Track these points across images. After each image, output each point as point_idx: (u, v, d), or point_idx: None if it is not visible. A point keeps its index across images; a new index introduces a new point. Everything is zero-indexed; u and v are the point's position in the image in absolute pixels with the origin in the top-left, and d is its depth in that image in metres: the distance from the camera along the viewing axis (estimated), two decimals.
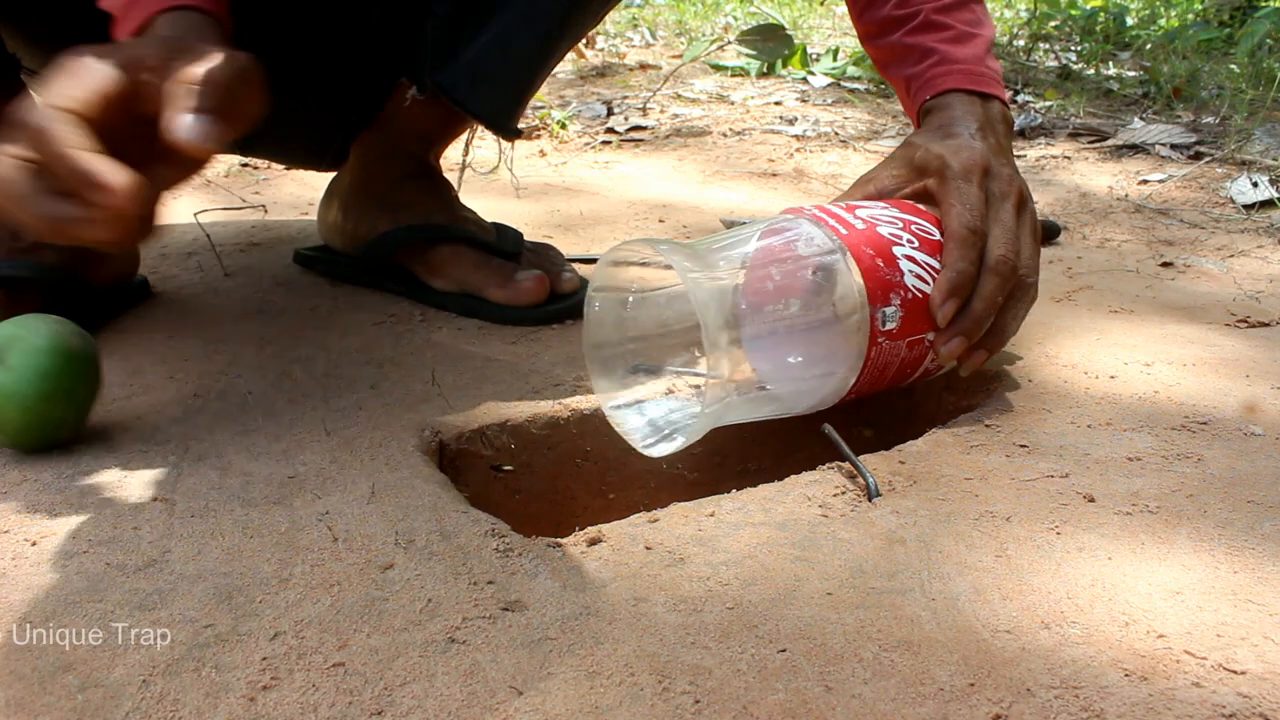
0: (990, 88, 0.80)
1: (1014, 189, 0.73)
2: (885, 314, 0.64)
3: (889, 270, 0.65)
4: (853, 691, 0.44)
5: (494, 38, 0.85)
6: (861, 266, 0.64)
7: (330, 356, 0.81)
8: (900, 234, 0.67)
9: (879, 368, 0.65)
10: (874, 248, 0.65)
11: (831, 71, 2.35)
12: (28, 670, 0.46)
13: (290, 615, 0.49)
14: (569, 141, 1.82)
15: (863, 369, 0.64)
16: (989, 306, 0.68)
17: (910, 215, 0.70)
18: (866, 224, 0.67)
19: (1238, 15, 2.89)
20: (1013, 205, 0.72)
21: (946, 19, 0.82)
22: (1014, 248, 0.70)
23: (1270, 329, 0.91)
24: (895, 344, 0.65)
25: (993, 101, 0.80)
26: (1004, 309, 0.70)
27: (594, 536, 0.55)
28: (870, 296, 0.63)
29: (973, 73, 0.80)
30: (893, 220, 0.68)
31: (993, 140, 0.76)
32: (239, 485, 0.62)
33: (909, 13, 0.83)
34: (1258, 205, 1.35)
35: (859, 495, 0.60)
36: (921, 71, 0.81)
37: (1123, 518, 0.57)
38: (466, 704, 0.44)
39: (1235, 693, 0.43)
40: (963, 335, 0.68)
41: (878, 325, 0.64)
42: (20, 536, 0.56)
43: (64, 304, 0.83)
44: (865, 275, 0.64)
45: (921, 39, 0.82)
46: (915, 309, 0.66)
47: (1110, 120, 1.91)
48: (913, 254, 0.67)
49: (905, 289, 0.65)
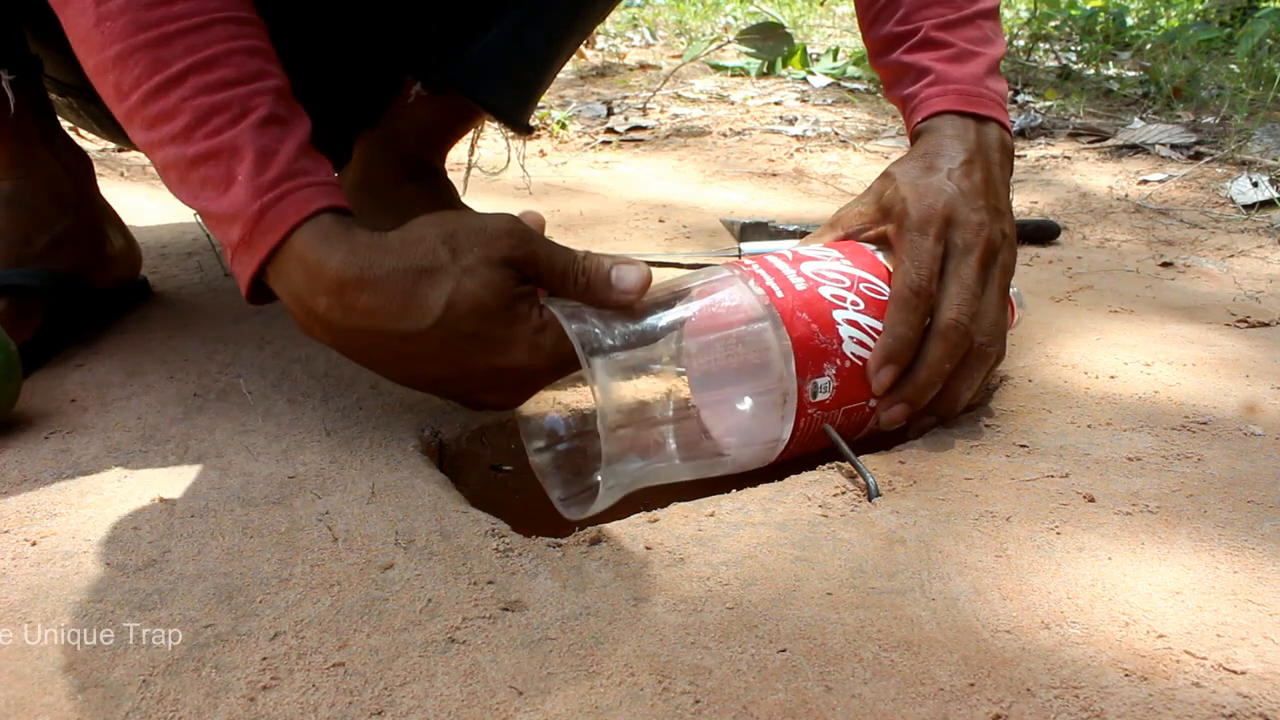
0: (987, 109, 0.73)
1: (981, 240, 0.66)
2: (817, 385, 0.61)
3: (826, 338, 0.61)
4: (853, 691, 0.44)
5: (504, 33, 0.85)
6: (794, 335, 0.60)
7: (330, 356, 0.81)
8: (844, 294, 0.63)
9: (810, 435, 0.62)
10: (811, 313, 0.61)
11: (831, 71, 2.35)
12: (28, 670, 0.46)
13: (290, 615, 0.49)
14: (569, 141, 1.82)
15: (791, 438, 0.61)
16: (934, 374, 0.64)
17: (861, 270, 0.65)
18: (809, 283, 0.63)
19: (1238, 15, 2.89)
20: (976, 260, 0.66)
21: (947, 36, 0.76)
22: (968, 310, 0.64)
23: (1270, 329, 0.91)
24: (829, 413, 0.62)
25: (989, 125, 0.73)
26: (956, 375, 0.65)
27: (594, 536, 0.55)
28: (800, 368, 0.60)
29: (968, 93, 0.74)
30: (839, 278, 0.64)
31: (978, 176, 0.69)
32: (239, 485, 0.62)
33: (909, 29, 0.77)
34: (1258, 205, 1.35)
35: (859, 495, 0.59)
36: (916, 92, 0.76)
37: (1123, 518, 0.57)
38: (466, 704, 0.44)
39: (1235, 693, 0.43)
40: (905, 402, 0.64)
41: (807, 397, 0.61)
42: (20, 536, 0.56)
43: (69, 309, 0.84)
44: (797, 345, 0.60)
45: (919, 57, 0.76)
46: (853, 376, 0.62)
47: (1110, 120, 1.91)
48: (855, 318, 0.63)
49: (842, 357, 0.62)
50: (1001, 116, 0.74)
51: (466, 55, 0.85)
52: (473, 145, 1.18)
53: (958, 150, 0.70)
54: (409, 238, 0.57)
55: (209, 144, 0.55)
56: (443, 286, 0.56)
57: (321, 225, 0.56)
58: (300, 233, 0.56)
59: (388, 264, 0.56)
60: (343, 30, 0.91)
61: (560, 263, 0.59)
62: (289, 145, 0.57)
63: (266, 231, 0.56)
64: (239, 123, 0.55)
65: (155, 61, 0.55)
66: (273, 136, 0.56)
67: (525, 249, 0.58)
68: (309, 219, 0.56)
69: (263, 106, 0.56)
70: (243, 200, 0.55)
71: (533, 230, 0.60)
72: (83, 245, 0.87)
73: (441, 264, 0.56)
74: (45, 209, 0.84)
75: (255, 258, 0.56)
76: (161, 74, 0.55)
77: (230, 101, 0.55)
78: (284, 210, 0.55)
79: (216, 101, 0.55)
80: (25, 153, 0.84)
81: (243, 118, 0.55)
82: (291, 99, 0.60)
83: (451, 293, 0.56)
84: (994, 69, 0.76)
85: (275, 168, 0.56)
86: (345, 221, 0.57)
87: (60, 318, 0.83)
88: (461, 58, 0.85)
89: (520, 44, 0.86)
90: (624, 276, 0.58)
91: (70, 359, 0.81)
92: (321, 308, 0.56)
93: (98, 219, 0.90)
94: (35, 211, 0.84)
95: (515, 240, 0.58)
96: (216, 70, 0.55)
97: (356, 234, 0.57)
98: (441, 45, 0.86)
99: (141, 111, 0.56)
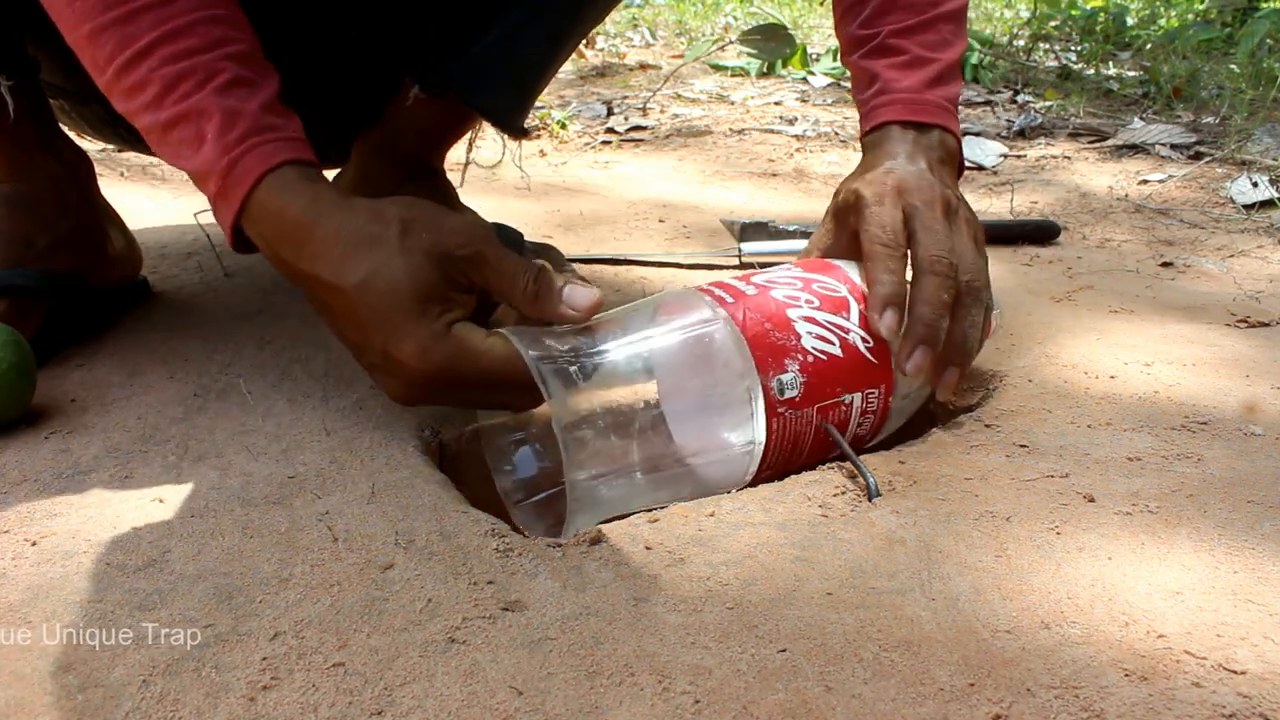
0: (931, 116, 0.73)
1: (937, 196, 0.67)
2: (782, 381, 0.59)
3: (782, 335, 0.60)
4: (853, 691, 0.44)
5: (502, 34, 0.85)
6: (748, 334, 0.59)
7: (330, 356, 0.81)
8: (798, 295, 0.63)
9: (789, 440, 0.61)
10: (763, 313, 0.61)
11: (831, 71, 2.35)
12: (28, 670, 0.46)
13: (290, 615, 0.49)
14: (569, 141, 1.82)
15: (767, 444, 0.60)
16: (936, 307, 0.63)
17: (814, 273, 0.65)
18: (759, 289, 0.63)
19: (1238, 15, 2.89)
20: (939, 210, 0.67)
21: (902, 42, 0.75)
22: (944, 246, 0.65)
23: (1270, 329, 0.91)
24: (802, 413, 0.60)
25: (932, 130, 0.73)
26: (957, 317, 0.65)
27: (594, 536, 0.55)
28: (760, 365, 0.59)
29: (912, 102, 0.74)
30: (791, 281, 0.64)
31: (921, 163, 0.70)
32: (239, 485, 0.62)
33: (870, 33, 0.77)
34: (1258, 205, 1.35)
35: (859, 495, 0.59)
36: (866, 100, 0.76)
37: (1123, 518, 0.57)
38: (466, 704, 0.44)
39: (1235, 693, 0.43)
40: (922, 344, 0.63)
41: (774, 395, 0.59)
42: (20, 536, 0.56)
43: (69, 309, 0.84)
44: (752, 343, 0.59)
45: (873, 63, 0.76)
46: (821, 371, 0.61)
47: (1110, 120, 1.91)
48: (812, 315, 0.62)
49: (804, 352, 0.61)
50: (946, 121, 0.74)
51: (464, 57, 0.85)
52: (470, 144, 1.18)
53: (899, 154, 0.72)
54: (375, 207, 0.60)
55: (178, 108, 0.59)
56: (375, 257, 0.58)
57: (285, 176, 0.59)
58: (265, 184, 0.59)
59: (342, 221, 0.59)
60: (341, 31, 0.91)
61: (510, 268, 0.60)
62: (252, 104, 0.60)
63: (235, 184, 0.59)
64: (204, 87, 0.59)
65: (124, 37, 0.58)
66: (238, 97, 0.59)
67: (473, 248, 0.59)
68: (272, 170, 0.59)
69: (227, 71, 0.59)
70: (212, 157, 0.59)
71: (491, 235, 0.61)
72: (83, 246, 0.87)
73: (386, 237, 0.58)
74: (46, 211, 0.84)
75: (230, 209, 0.60)
76: (131, 48, 0.58)
77: (195, 68, 0.59)
78: (249, 164, 0.59)
79: (183, 68, 0.58)
80: (25, 155, 0.84)
81: (208, 82, 0.59)
82: (259, 60, 0.62)
83: (379, 265, 0.58)
84: (947, 74, 0.76)
85: (240, 126, 0.59)
86: (308, 173, 0.61)
87: (60, 318, 0.83)
88: (459, 60, 0.85)
89: (518, 47, 0.86)
90: (575, 294, 0.59)
91: (70, 359, 0.81)
92: (284, 252, 0.61)
93: (99, 220, 0.90)
94: (35, 213, 0.84)
95: (465, 238, 0.59)
96: (181, 40, 0.58)
97: (320, 187, 0.60)
98: (439, 46, 0.86)
99: (117, 84, 0.59)
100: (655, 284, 1.03)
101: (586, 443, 0.55)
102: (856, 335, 0.63)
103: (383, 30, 0.91)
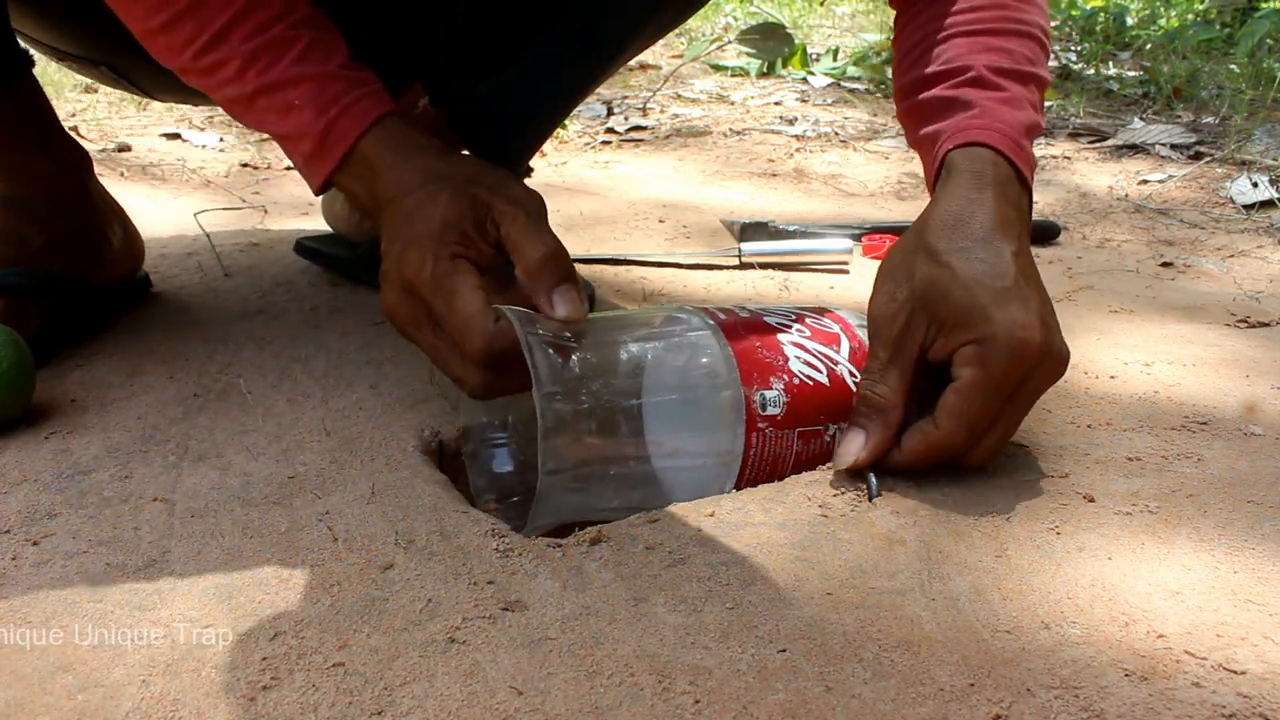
0: (1024, 164, 0.65)
1: (1053, 381, 0.60)
2: (765, 397, 0.59)
3: (770, 354, 0.60)
4: (853, 691, 0.44)
5: (516, 80, 0.84)
6: (735, 347, 0.60)
7: (330, 356, 0.81)
8: (789, 324, 0.63)
9: (767, 460, 0.61)
10: (752, 331, 0.61)
11: (831, 71, 2.35)
12: (28, 670, 0.46)
13: (290, 615, 0.49)
14: (569, 141, 1.82)
15: (745, 457, 0.60)
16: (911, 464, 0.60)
17: (808, 312, 0.66)
18: (752, 315, 0.64)
19: (1238, 15, 2.89)
20: (1033, 400, 0.60)
21: (1002, 81, 0.67)
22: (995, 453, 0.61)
23: (1270, 329, 0.91)
24: (783, 433, 0.60)
25: (1025, 192, 0.65)
26: None
27: (594, 536, 0.55)
28: (745, 377, 0.59)
29: (1014, 140, 0.65)
30: (784, 314, 0.65)
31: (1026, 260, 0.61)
32: (239, 485, 0.62)
33: (959, 66, 0.68)
34: (1258, 205, 1.35)
35: (859, 495, 0.59)
36: (956, 123, 0.66)
37: (1123, 518, 0.57)
38: (466, 704, 0.44)
39: (1235, 693, 0.43)
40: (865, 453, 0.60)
41: (756, 409, 0.59)
42: (20, 536, 0.56)
43: (68, 309, 0.84)
44: (740, 356, 0.59)
45: (965, 92, 0.67)
46: (806, 397, 0.61)
47: (1110, 120, 1.91)
48: (802, 342, 0.62)
49: (790, 374, 0.60)
50: (1030, 183, 0.66)
51: (474, 97, 0.85)
52: None
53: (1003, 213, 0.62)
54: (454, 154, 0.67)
55: (261, 81, 0.63)
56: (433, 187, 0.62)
57: (385, 129, 0.64)
58: (365, 141, 0.64)
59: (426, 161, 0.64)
60: (353, 29, 0.91)
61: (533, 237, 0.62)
62: (333, 65, 0.64)
63: (335, 143, 0.64)
64: (283, 58, 0.63)
65: (200, 22, 0.62)
66: (317, 62, 0.64)
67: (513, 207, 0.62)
68: (369, 130, 0.64)
69: (302, 38, 0.64)
70: (308, 119, 0.63)
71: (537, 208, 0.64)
72: (81, 245, 0.87)
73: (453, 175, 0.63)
74: (41, 210, 0.84)
75: (326, 166, 0.65)
76: (208, 31, 0.62)
77: (272, 42, 0.63)
78: (345, 126, 0.64)
79: (260, 44, 0.63)
80: (19, 155, 0.84)
81: (285, 53, 0.63)
82: (323, 19, 0.66)
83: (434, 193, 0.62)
84: (1035, 134, 0.68)
85: (329, 90, 0.64)
86: (397, 121, 0.65)
87: (59, 318, 0.83)
88: (471, 94, 0.85)
89: (530, 98, 0.85)
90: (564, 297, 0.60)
91: (70, 359, 0.81)
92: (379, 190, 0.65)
93: (97, 218, 0.90)
94: (31, 212, 0.84)
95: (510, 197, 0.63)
96: (253, 17, 0.63)
97: (409, 133, 0.65)
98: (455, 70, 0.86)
99: (195, 65, 0.64)
100: (655, 284, 1.03)
101: (564, 419, 0.55)
102: (845, 369, 0.63)
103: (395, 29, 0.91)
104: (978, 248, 0.60)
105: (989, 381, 0.57)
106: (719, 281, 1.04)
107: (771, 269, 1.08)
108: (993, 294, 0.58)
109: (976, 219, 0.61)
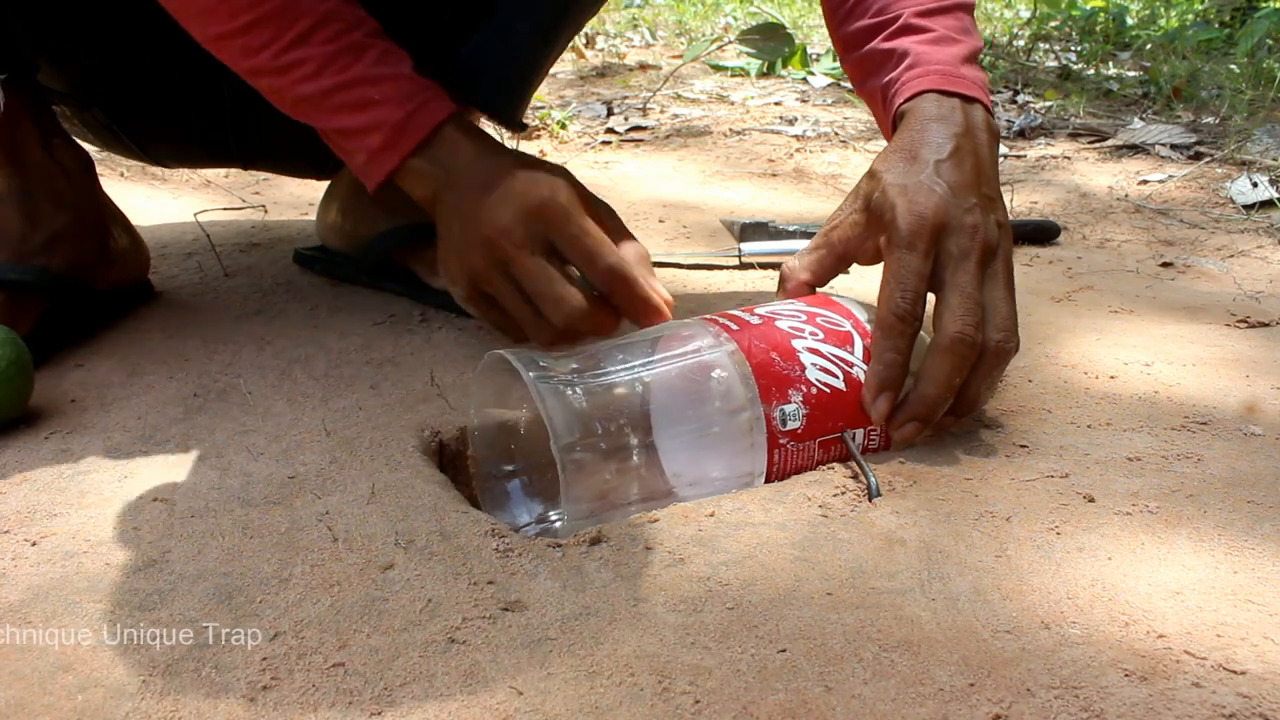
0: (970, 90, 0.71)
1: (977, 243, 0.64)
2: (785, 412, 0.59)
3: (787, 364, 0.60)
4: (853, 691, 0.44)
5: (492, 33, 0.85)
6: (753, 362, 0.59)
7: (330, 356, 0.81)
8: (802, 326, 0.63)
9: (790, 473, 0.61)
10: (768, 341, 0.61)
11: (831, 71, 2.35)
12: (28, 670, 0.46)
13: (290, 615, 0.49)
14: (569, 141, 1.82)
15: (767, 475, 0.60)
16: (944, 390, 0.62)
17: (816, 308, 0.65)
18: (764, 319, 0.63)
19: (1238, 15, 2.89)
20: (974, 264, 0.64)
21: (927, 22, 0.74)
22: (972, 319, 0.62)
23: (1270, 329, 0.91)
24: (804, 446, 0.60)
25: (975, 105, 0.70)
26: (973, 376, 0.63)
27: (594, 536, 0.55)
28: (764, 393, 0.59)
29: (950, 74, 0.71)
30: (795, 314, 0.64)
31: (968, 165, 0.67)
32: (239, 485, 0.62)
33: (888, 18, 0.75)
34: (1258, 205, 1.35)
35: (859, 495, 0.59)
36: (896, 77, 0.73)
37: (1123, 518, 0.57)
38: (466, 704, 0.44)
39: (1235, 693, 0.43)
40: (916, 420, 0.62)
41: (776, 425, 0.59)
42: (20, 536, 0.56)
43: (68, 307, 0.84)
44: (757, 371, 0.59)
45: (898, 42, 0.74)
46: (824, 405, 0.60)
47: (1110, 120, 1.91)
48: (817, 346, 0.62)
49: (808, 384, 0.60)
50: (985, 99, 0.71)
51: (457, 57, 0.85)
52: None
53: (944, 136, 0.68)
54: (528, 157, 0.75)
55: (339, 79, 0.70)
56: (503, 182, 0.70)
57: (462, 123, 0.73)
58: (448, 126, 0.72)
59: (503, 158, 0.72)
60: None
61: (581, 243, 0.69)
62: (405, 69, 0.73)
63: (415, 130, 0.71)
64: (359, 60, 0.71)
65: (281, 26, 0.69)
66: (392, 65, 0.72)
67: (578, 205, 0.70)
68: (449, 119, 0.72)
69: (374, 45, 0.72)
70: (386, 112, 0.71)
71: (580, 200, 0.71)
72: (82, 243, 0.87)
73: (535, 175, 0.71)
74: (41, 206, 0.84)
75: (400, 152, 0.71)
76: (291, 32, 0.69)
77: (349, 46, 0.71)
78: (426, 116, 0.71)
79: (339, 47, 0.70)
80: (21, 152, 0.84)
81: (361, 56, 0.71)
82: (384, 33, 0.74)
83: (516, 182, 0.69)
84: (974, 58, 0.74)
85: (408, 86, 0.72)
86: (468, 123, 0.74)
87: (58, 317, 0.83)
88: (452, 60, 0.85)
89: (509, 44, 0.86)
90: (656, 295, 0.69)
91: (70, 359, 0.81)
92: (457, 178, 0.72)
93: (99, 218, 0.90)
94: (31, 209, 0.84)
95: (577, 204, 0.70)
96: (332, 24, 0.70)
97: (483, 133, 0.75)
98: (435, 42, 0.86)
99: (273, 64, 0.70)
100: None
101: (584, 465, 0.55)
102: (860, 370, 0.63)
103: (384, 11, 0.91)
104: (906, 164, 0.68)
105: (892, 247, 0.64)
106: (719, 281, 1.04)
107: (771, 269, 1.08)
108: (900, 189, 0.66)
109: (914, 145, 0.69)
